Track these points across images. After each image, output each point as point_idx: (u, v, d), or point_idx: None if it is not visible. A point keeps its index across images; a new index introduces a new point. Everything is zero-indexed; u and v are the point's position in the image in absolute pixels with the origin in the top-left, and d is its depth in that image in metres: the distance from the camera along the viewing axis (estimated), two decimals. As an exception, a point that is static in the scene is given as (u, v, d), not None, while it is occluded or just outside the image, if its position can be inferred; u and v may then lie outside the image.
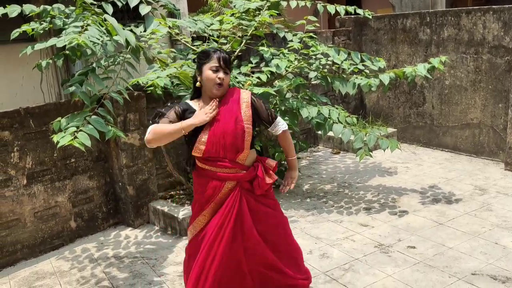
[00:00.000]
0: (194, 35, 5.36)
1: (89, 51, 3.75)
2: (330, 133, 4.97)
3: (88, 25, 3.48)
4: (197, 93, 2.66)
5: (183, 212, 4.40)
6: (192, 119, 2.49)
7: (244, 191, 2.66)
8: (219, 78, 2.49)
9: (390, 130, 6.72)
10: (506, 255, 3.66)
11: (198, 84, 2.56)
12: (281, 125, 2.77)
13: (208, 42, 4.86)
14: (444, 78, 6.15)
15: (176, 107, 2.58)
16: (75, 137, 3.12)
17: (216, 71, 2.50)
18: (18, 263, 4.07)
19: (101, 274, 3.80)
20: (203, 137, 2.52)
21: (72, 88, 3.51)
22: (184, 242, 4.24)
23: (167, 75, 3.75)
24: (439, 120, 6.32)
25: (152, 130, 2.45)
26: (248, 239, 2.68)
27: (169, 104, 2.64)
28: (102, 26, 3.60)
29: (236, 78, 4.19)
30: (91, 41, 3.37)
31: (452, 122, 6.18)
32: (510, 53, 5.41)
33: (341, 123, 4.51)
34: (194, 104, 2.64)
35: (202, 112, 2.51)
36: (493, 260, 3.60)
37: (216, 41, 4.83)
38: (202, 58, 2.54)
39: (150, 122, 2.56)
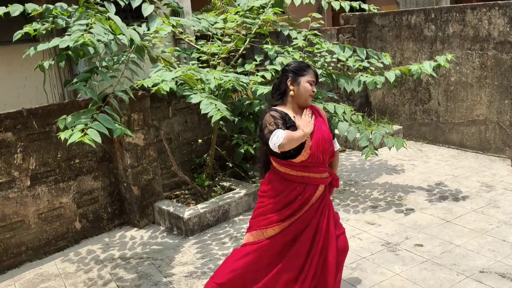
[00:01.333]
0: (198, 34, 5.34)
1: (92, 50, 3.72)
2: (336, 131, 4.93)
3: (94, 23, 3.45)
4: (280, 100, 2.74)
5: (189, 212, 4.38)
6: (306, 128, 2.59)
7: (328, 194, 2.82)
8: (313, 91, 2.69)
9: (396, 127, 6.67)
10: (515, 252, 3.62)
11: (291, 93, 2.67)
12: (337, 144, 2.90)
13: (212, 41, 4.83)
14: (450, 74, 6.10)
15: (274, 114, 2.62)
16: (85, 134, 3.08)
17: (311, 84, 2.69)
18: (22, 265, 4.06)
19: (107, 275, 3.78)
20: (308, 143, 2.61)
21: (78, 85, 3.47)
22: (190, 242, 4.22)
23: (173, 78, 3.71)
24: (445, 117, 6.27)
25: (286, 136, 2.50)
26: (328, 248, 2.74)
27: (266, 110, 2.68)
28: (106, 25, 3.57)
29: (239, 79, 4.16)
30: (97, 40, 3.34)
31: (458, 118, 6.13)
32: (516, 48, 5.36)
33: (347, 121, 4.48)
34: (286, 111, 2.68)
35: (305, 121, 2.63)
36: (501, 257, 3.56)
37: (220, 40, 4.81)
38: (301, 70, 2.69)
39: (267, 132, 2.56)
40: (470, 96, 5.94)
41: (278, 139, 2.49)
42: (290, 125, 2.62)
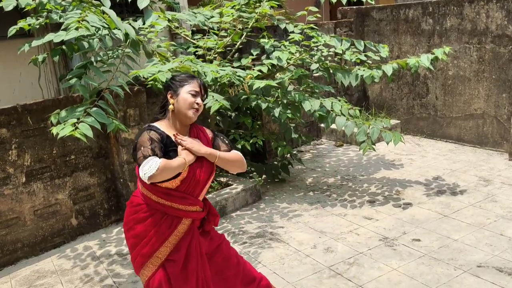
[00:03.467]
0: (194, 29, 5.30)
1: (86, 44, 3.69)
2: (333, 126, 4.92)
3: (88, 14, 3.42)
4: (162, 114, 2.44)
5: (185, 207, 4.35)
6: (188, 156, 2.30)
7: (197, 230, 2.47)
8: (197, 103, 2.35)
9: (394, 121, 6.65)
10: (511, 246, 3.62)
11: (171, 107, 2.35)
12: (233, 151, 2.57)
13: (208, 35, 4.79)
14: (448, 68, 6.07)
15: (153, 135, 2.29)
16: (76, 128, 3.05)
17: (195, 95, 2.35)
18: (18, 262, 4.03)
19: (104, 272, 3.76)
20: (183, 173, 2.30)
21: (72, 81, 3.44)
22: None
23: (169, 69, 3.68)
24: (443, 111, 6.26)
25: (161, 166, 2.16)
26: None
27: (147, 129, 2.33)
28: (100, 17, 3.53)
29: (236, 72, 4.13)
30: (92, 26, 3.30)
31: (455, 112, 6.11)
32: (514, 42, 5.34)
33: (344, 116, 4.46)
34: (165, 129, 2.38)
35: (190, 145, 2.33)
36: (499, 252, 3.55)
37: (216, 34, 4.77)
38: (182, 81, 2.38)
39: (140, 157, 2.22)
40: (468, 90, 5.92)
41: (150, 169, 2.13)
42: (170, 149, 2.31)
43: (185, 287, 2.36)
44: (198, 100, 2.36)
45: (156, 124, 2.38)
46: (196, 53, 4.71)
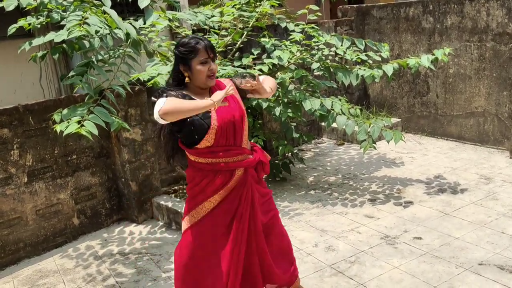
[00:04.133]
0: (195, 28, 5.30)
1: (87, 44, 3.70)
2: (334, 125, 4.92)
3: (89, 15, 3.43)
4: (179, 86, 2.43)
5: (187, 207, 4.36)
6: (215, 96, 2.24)
7: (251, 180, 2.50)
8: (211, 70, 2.36)
9: (394, 120, 6.65)
10: (514, 244, 3.62)
11: (187, 79, 2.38)
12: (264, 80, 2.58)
13: (209, 35, 4.80)
14: (448, 66, 6.07)
15: (174, 93, 2.34)
16: (82, 126, 3.07)
17: (205, 63, 2.34)
18: (21, 261, 4.05)
19: (106, 271, 3.78)
20: (214, 122, 2.34)
21: (74, 79, 3.45)
22: (188, 237, 4.20)
23: (168, 72, 3.69)
24: (444, 109, 6.26)
25: (170, 100, 2.17)
26: (256, 233, 2.52)
27: (161, 90, 2.38)
28: (102, 18, 3.54)
29: (237, 72, 4.13)
30: (95, 31, 3.32)
31: (456, 111, 6.12)
32: (515, 40, 5.34)
33: (345, 115, 4.46)
34: (188, 94, 2.40)
35: (220, 91, 2.29)
36: (500, 249, 3.56)
37: (217, 33, 4.77)
38: (188, 53, 2.35)
39: (155, 98, 2.31)
40: (469, 88, 5.92)
41: (158, 105, 2.17)
42: None
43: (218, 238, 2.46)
44: (212, 66, 2.36)
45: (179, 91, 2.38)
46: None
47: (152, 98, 2.34)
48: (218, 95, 2.25)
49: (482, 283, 3.16)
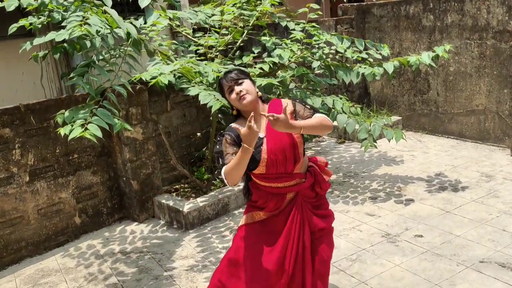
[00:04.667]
0: (195, 27, 5.31)
1: (88, 44, 3.70)
2: (335, 123, 4.90)
3: (90, 15, 3.43)
4: (238, 118, 2.56)
5: (188, 205, 4.37)
6: (246, 141, 2.24)
7: (304, 199, 2.53)
8: (236, 93, 2.41)
9: (395, 118, 6.66)
10: (515, 242, 3.62)
11: (235, 112, 2.54)
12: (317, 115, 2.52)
13: (209, 34, 4.80)
14: (449, 64, 6.07)
15: (227, 137, 2.43)
16: (86, 129, 3.08)
17: (231, 91, 2.44)
18: (23, 260, 4.06)
19: (107, 270, 3.79)
20: (264, 156, 2.40)
21: (75, 79, 3.46)
22: (190, 236, 4.22)
23: (171, 71, 3.69)
24: (444, 107, 6.26)
25: (225, 172, 2.34)
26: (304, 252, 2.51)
27: (218, 138, 2.50)
28: (102, 18, 3.55)
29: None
30: (96, 31, 3.32)
31: (457, 109, 6.12)
32: (516, 37, 5.33)
33: (345, 113, 4.47)
34: (239, 125, 2.46)
35: (244, 133, 2.26)
36: (501, 247, 3.56)
37: (218, 32, 4.78)
38: (220, 91, 2.54)
39: (219, 169, 2.45)
40: (469, 86, 5.92)
41: (223, 177, 2.37)
42: (241, 143, 2.35)
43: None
44: (237, 88, 2.42)
45: (233, 124, 2.51)
46: (198, 51, 4.72)
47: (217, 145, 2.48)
48: (246, 138, 2.23)
49: (483, 281, 3.17)
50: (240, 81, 2.44)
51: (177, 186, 4.90)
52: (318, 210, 2.59)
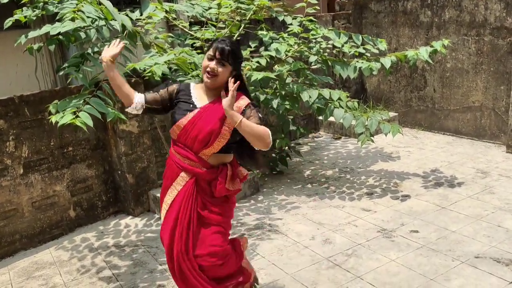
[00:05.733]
0: (192, 20, 5.27)
1: (83, 35, 3.66)
2: (331, 119, 4.90)
3: (84, 4, 3.40)
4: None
5: (183, 199, 4.35)
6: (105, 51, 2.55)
7: (199, 190, 2.57)
8: (210, 67, 2.40)
9: (391, 114, 6.66)
10: (509, 237, 3.63)
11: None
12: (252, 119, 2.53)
13: (206, 27, 4.77)
14: (446, 61, 6.07)
15: (173, 86, 2.60)
16: (77, 117, 3.05)
17: (210, 59, 2.42)
18: (17, 253, 4.03)
19: (101, 263, 3.76)
20: (183, 122, 2.47)
21: (69, 69, 3.42)
22: (184, 230, 4.20)
23: (165, 62, 3.67)
24: (441, 103, 6.26)
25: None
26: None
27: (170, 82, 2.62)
28: (97, 8, 3.51)
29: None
30: (88, 17, 3.29)
31: (453, 105, 6.12)
32: (513, 34, 5.33)
33: (342, 108, 4.45)
34: (195, 87, 2.60)
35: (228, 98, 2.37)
36: (496, 243, 3.56)
37: (215, 26, 4.75)
38: (207, 46, 2.56)
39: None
40: (466, 83, 5.92)
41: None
42: (177, 100, 2.54)
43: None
44: (212, 64, 2.40)
45: (193, 83, 2.62)
46: (194, 44, 4.68)
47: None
48: (227, 102, 2.36)
49: (478, 276, 3.17)
50: (224, 62, 2.42)
51: (172, 180, 4.87)
52: (213, 207, 2.59)
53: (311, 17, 4.88)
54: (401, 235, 3.79)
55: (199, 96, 2.54)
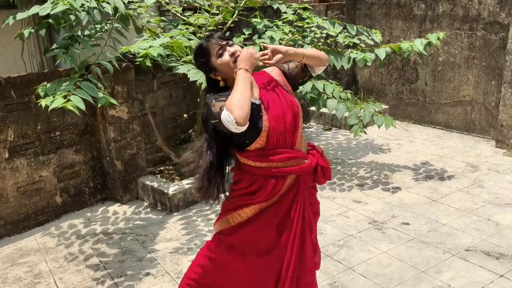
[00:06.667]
0: (185, 5, 5.16)
1: (73, 17, 3.56)
2: (323, 110, 4.87)
3: None
4: (216, 90, 2.14)
5: (173, 188, 4.29)
6: (241, 63, 1.99)
7: (304, 186, 2.18)
8: (230, 55, 2.06)
9: (382, 106, 6.64)
10: (498, 231, 3.64)
11: (221, 83, 2.12)
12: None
13: (199, 12, 4.68)
14: (438, 54, 6.06)
15: (220, 103, 2.04)
16: (68, 100, 2.96)
17: (222, 53, 2.07)
18: (1, 239, 3.93)
19: (89, 251, 3.69)
20: (266, 124, 2.03)
21: (57, 51, 3.32)
22: (174, 218, 4.14)
23: (160, 45, 3.58)
24: (432, 97, 6.26)
25: (228, 106, 1.90)
26: (303, 247, 2.20)
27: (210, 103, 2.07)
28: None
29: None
30: (81, 4, 3.19)
31: (444, 99, 6.12)
32: (505, 29, 5.33)
33: (335, 98, 4.41)
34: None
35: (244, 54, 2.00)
36: (486, 236, 3.58)
37: (208, 11, 4.66)
38: (203, 56, 2.10)
39: (215, 119, 2.02)
40: (458, 77, 5.92)
41: (227, 120, 1.89)
42: None
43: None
44: (231, 50, 2.07)
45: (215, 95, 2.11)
46: (187, 30, 4.59)
47: (213, 116, 2.03)
48: (244, 59, 1.99)
49: (469, 269, 3.18)
50: (231, 42, 2.12)
51: (161, 168, 4.81)
52: (313, 208, 2.29)
53: (306, 5, 4.82)
54: (392, 227, 3.79)
55: None
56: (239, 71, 1.98)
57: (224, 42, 2.09)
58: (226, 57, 2.07)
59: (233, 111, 1.88)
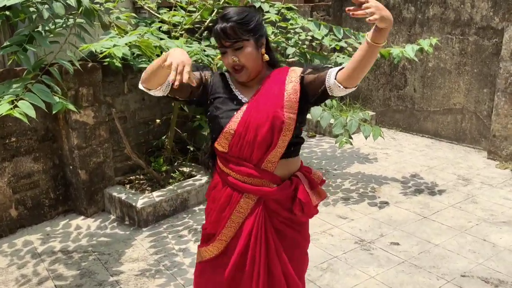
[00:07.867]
0: (159, 1, 4.79)
1: (32, 9, 3.17)
2: (307, 116, 4.52)
3: None
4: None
5: (143, 200, 3.91)
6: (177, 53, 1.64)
7: (269, 213, 1.91)
8: (229, 63, 1.81)
9: (369, 114, 6.34)
10: (496, 254, 3.35)
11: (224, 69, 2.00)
12: (332, 72, 1.80)
13: (175, 9, 4.31)
14: (428, 60, 5.79)
15: (207, 74, 1.92)
16: (15, 106, 2.58)
17: (223, 53, 1.82)
18: None
19: (44, 272, 3.29)
20: (232, 126, 1.81)
21: (11, 48, 2.93)
22: (143, 235, 3.76)
23: (126, 44, 3.20)
24: (421, 104, 5.98)
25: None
26: (273, 277, 1.94)
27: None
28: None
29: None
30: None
31: (434, 106, 5.85)
32: (499, 34, 5.07)
33: (320, 106, 4.09)
34: (231, 78, 1.94)
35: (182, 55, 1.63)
36: (483, 259, 3.28)
37: (184, 9, 4.30)
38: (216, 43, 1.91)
39: None
40: (448, 83, 5.66)
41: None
42: (213, 96, 1.88)
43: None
44: (229, 58, 1.79)
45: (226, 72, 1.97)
46: (161, 28, 4.22)
47: None
48: (176, 56, 1.61)
49: (466, 298, 2.88)
50: (237, 44, 1.77)
51: (131, 178, 4.42)
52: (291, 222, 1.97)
53: (290, 5, 4.49)
54: (381, 248, 3.47)
55: (241, 86, 1.91)
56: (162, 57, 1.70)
57: (227, 44, 1.79)
58: (226, 61, 1.83)
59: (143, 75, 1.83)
